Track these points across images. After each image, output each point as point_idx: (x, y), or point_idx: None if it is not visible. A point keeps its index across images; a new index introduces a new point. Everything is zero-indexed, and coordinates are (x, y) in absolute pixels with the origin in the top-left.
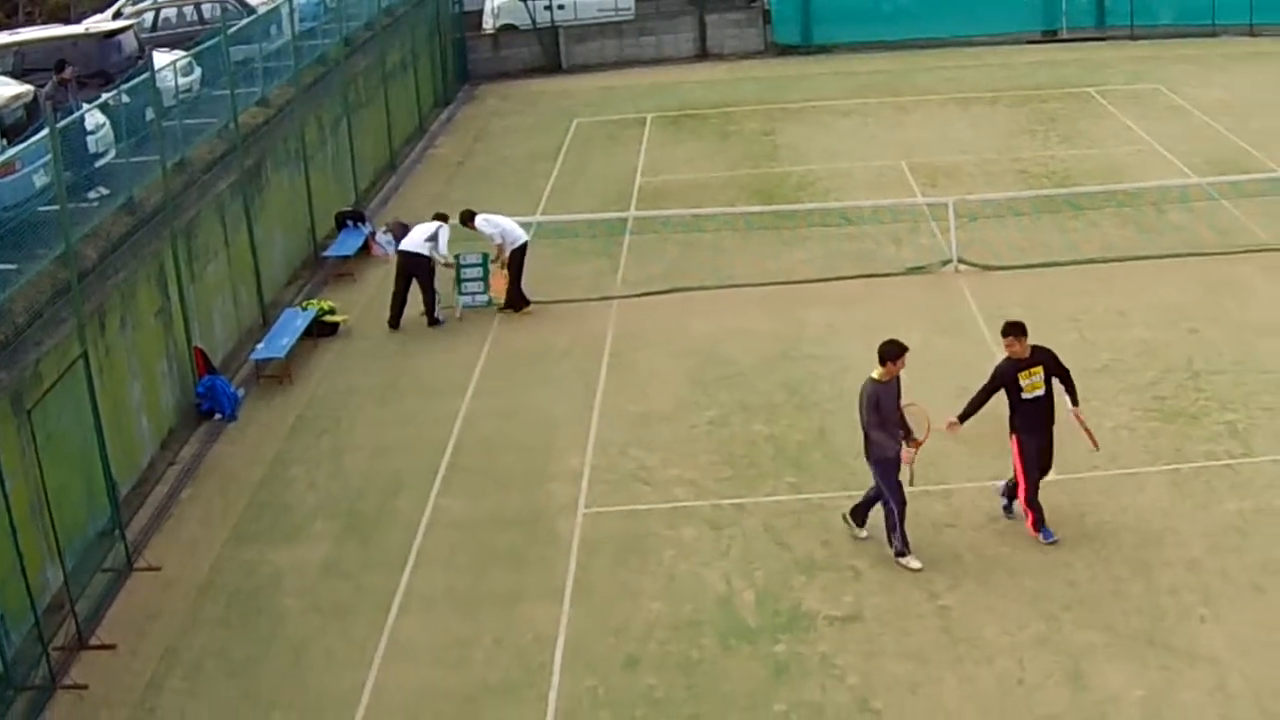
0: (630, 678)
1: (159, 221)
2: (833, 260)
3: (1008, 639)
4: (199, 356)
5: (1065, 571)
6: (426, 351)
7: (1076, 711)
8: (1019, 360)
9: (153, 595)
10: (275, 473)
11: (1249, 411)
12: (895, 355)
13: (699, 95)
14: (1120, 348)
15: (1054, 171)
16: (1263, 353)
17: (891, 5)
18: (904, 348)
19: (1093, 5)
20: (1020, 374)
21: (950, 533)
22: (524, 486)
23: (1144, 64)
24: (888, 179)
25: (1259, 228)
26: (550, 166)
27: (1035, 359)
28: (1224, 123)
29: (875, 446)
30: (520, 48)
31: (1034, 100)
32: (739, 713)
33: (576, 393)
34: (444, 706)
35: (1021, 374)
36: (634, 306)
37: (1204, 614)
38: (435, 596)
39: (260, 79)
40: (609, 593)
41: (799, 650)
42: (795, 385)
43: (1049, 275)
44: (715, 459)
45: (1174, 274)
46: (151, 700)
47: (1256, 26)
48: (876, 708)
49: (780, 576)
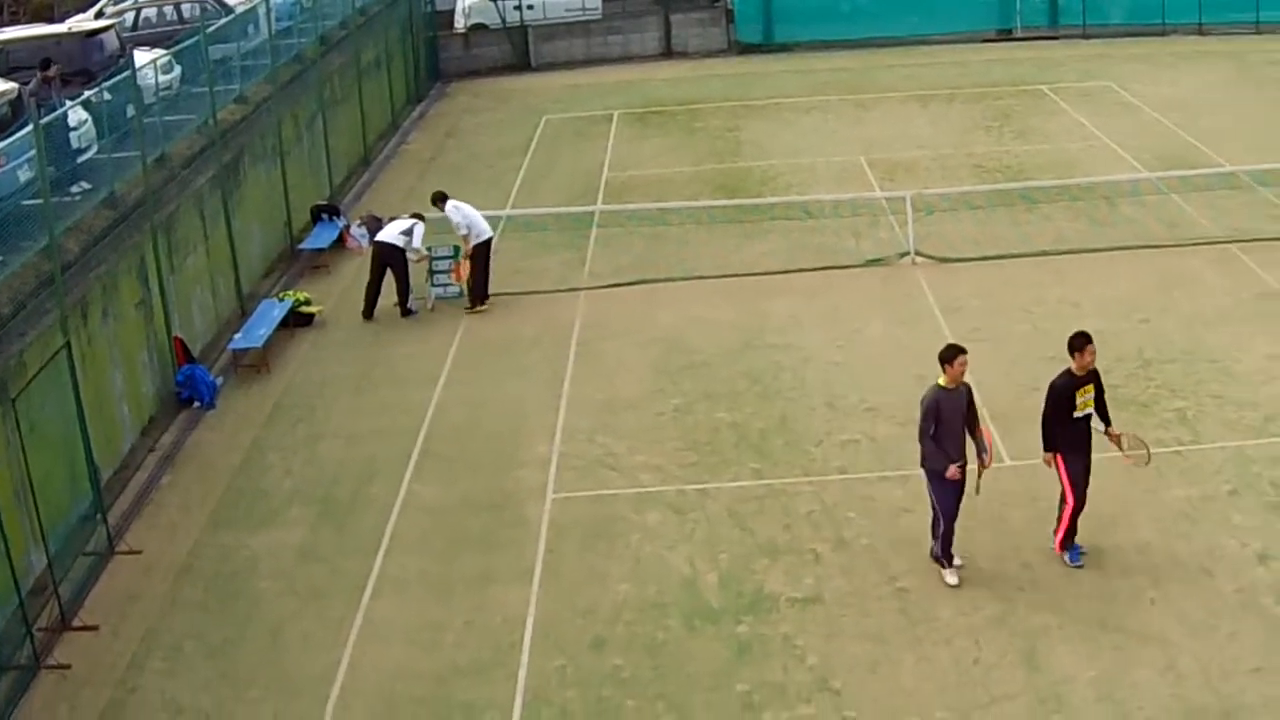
0: (597, 658)
1: (140, 215)
2: (794, 253)
3: (964, 620)
4: (178, 346)
5: (1018, 555)
6: (399, 342)
7: (1031, 691)
8: (1077, 377)
9: (133, 578)
10: (252, 459)
11: (1198, 400)
12: (952, 357)
13: (664, 93)
14: None
15: (1008, 166)
16: (1211, 343)
17: (851, 5)
18: (961, 349)
19: (1046, 5)
20: (1077, 391)
21: (907, 518)
22: (494, 472)
23: (1096, 62)
24: (848, 174)
25: (1208, 221)
26: (520, 162)
27: (1088, 377)
28: (1173, 119)
29: (928, 457)
30: (490, 46)
31: (989, 97)
32: (703, 692)
33: (545, 381)
34: (416, 686)
35: (1078, 391)
36: (601, 298)
37: (1154, 596)
38: (408, 579)
39: (238, 77)
40: (577, 575)
41: (761, 631)
42: (758, 374)
43: (1003, 267)
44: (680, 446)
45: (1125, 266)
46: (132, 680)
47: (1205, 26)
48: (836, 687)
49: (743, 560)
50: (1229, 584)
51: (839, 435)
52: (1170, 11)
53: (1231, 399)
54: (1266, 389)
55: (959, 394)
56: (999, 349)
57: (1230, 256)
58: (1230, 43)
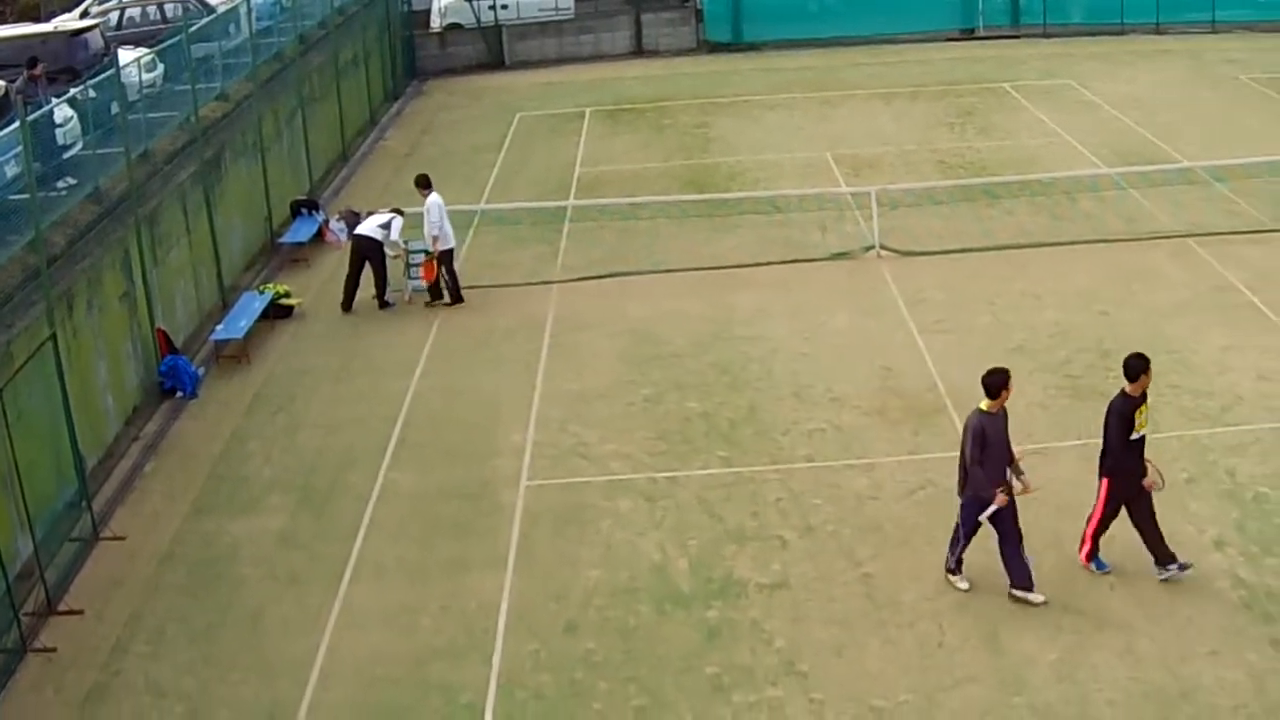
0: (570, 642)
1: (124, 210)
2: (762, 246)
3: (928, 605)
4: (161, 337)
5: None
6: (377, 333)
7: (994, 673)
8: (1133, 398)
9: (118, 564)
10: (233, 448)
11: (1156, 390)
12: (1003, 383)
13: (635, 90)
14: (1034, 329)
15: (971, 162)
16: (1169, 334)
17: (818, 5)
18: (1008, 374)
19: (1008, 5)
20: (1136, 412)
21: (872, 504)
22: (469, 461)
23: (1056, 61)
24: (814, 169)
25: (1165, 216)
26: (494, 158)
27: (1143, 397)
28: (1132, 116)
29: (974, 483)
30: (465, 45)
31: (952, 95)
32: (673, 675)
33: (519, 372)
34: (393, 669)
35: (1137, 412)
36: (573, 290)
37: (1113, 582)
38: (385, 565)
39: (220, 75)
40: (550, 561)
41: (730, 615)
42: (726, 365)
43: (966, 260)
44: (650, 435)
45: (1085, 259)
46: (116, 663)
47: (1162, 25)
48: (803, 670)
49: (712, 546)
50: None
51: (806, 424)
52: (1128, 11)
53: (1188, 389)
54: (1222, 379)
55: (1000, 418)
56: (962, 340)
57: (1187, 250)
58: (1187, 41)
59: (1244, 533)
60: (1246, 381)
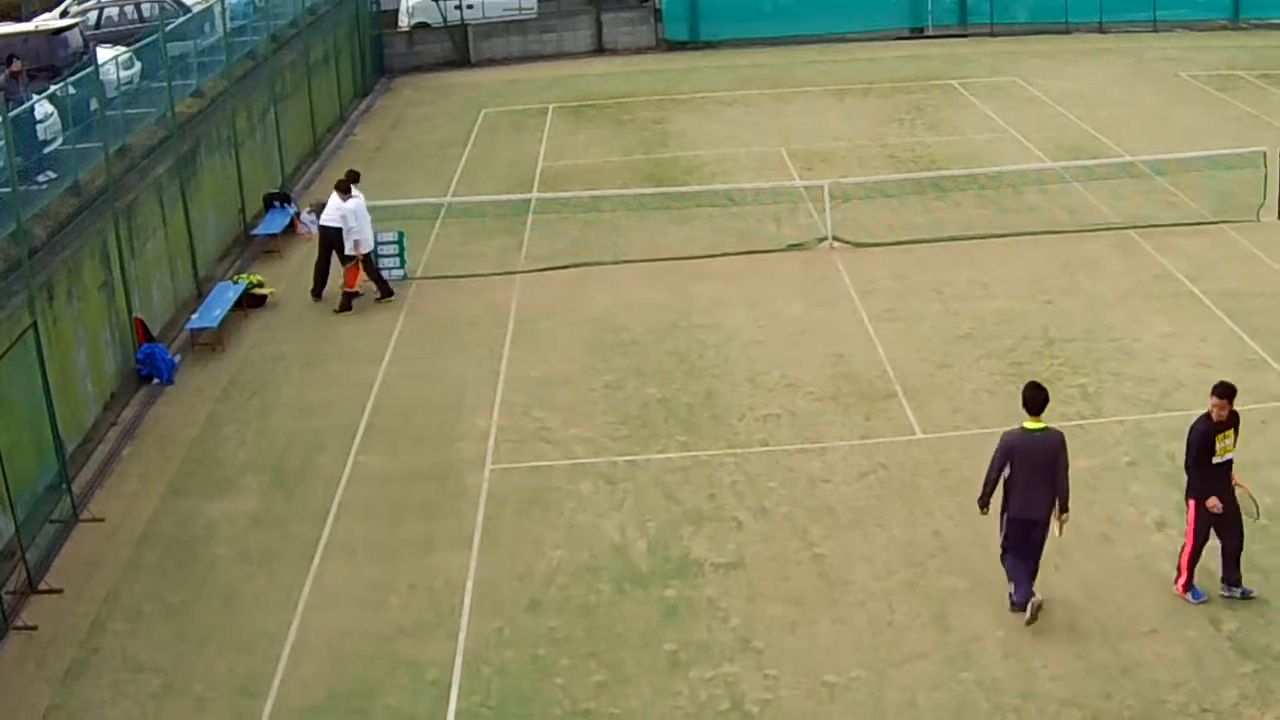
0: (533, 619)
1: (102, 202)
2: (719, 238)
3: (878, 584)
4: (139, 326)
5: (930, 523)
6: (347, 321)
7: (942, 650)
8: (1218, 422)
9: (96, 544)
10: (208, 432)
11: (1098, 376)
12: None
13: (596, 87)
14: (981, 317)
15: (920, 156)
16: (1111, 322)
17: (772, 4)
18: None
19: (956, 4)
20: (1218, 436)
21: (825, 487)
22: (436, 444)
23: (1003, 59)
24: (769, 163)
25: (1107, 208)
26: (460, 152)
27: (1229, 422)
28: (1075, 112)
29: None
30: (433, 43)
31: (902, 91)
32: (633, 651)
33: (484, 359)
34: (363, 645)
35: (1219, 436)
36: (537, 280)
37: (1058, 562)
38: (355, 545)
39: (195, 72)
40: (514, 542)
41: (687, 594)
42: (684, 352)
43: (916, 251)
44: (611, 420)
45: (1030, 250)
46: (95, 640)
47: (1105, 24)
48: (758, 647)
49: (670, 527)
50: (1127, 550)
51: (761, 410)
52: (1073, 11)
53: (1130, 375)
54: (1162, 366)
55: (1042, 439)
56: (911, 328)
57: (1129, 241)
58: (1128, 40)
59: (1184, 514)
60: (1186, 368)
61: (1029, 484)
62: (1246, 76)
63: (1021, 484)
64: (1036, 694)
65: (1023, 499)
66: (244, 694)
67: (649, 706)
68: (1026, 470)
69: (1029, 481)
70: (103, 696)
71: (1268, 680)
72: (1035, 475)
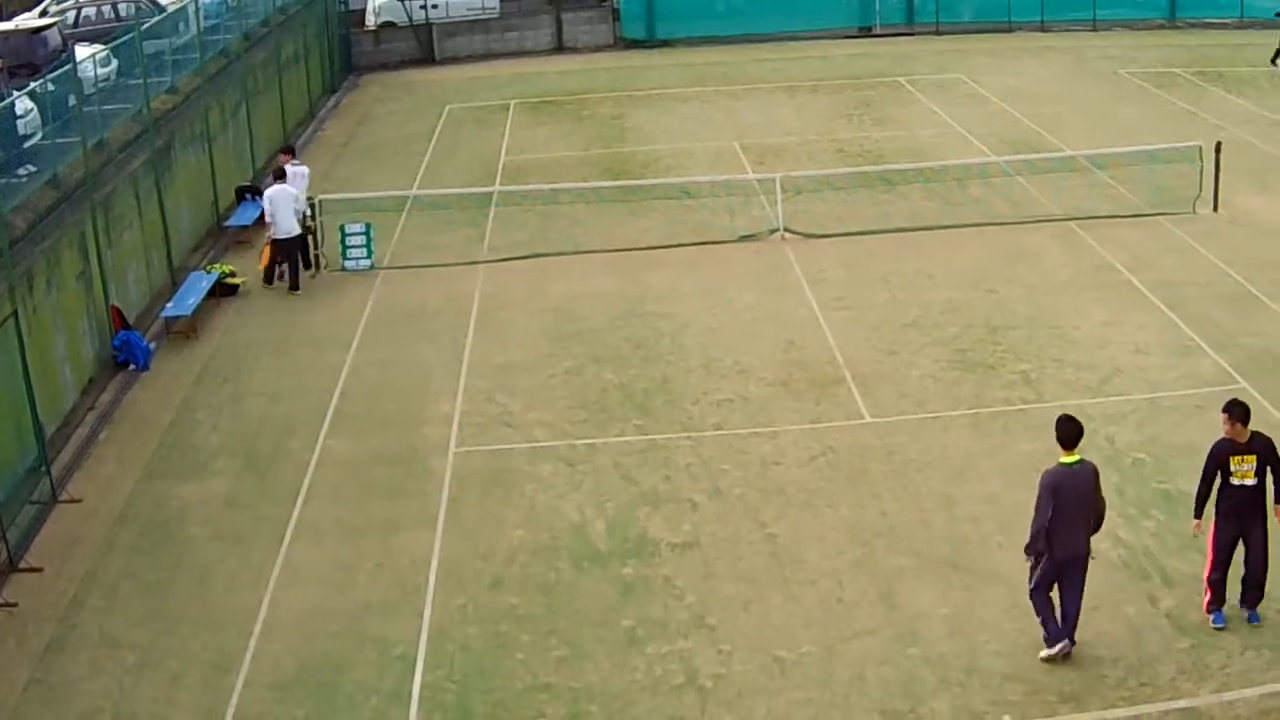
0: (496, 597)
1: (80, 195)
2: (674, 229)
3: (828, 563)
4: (115, 314)
5: (878, 504)
6: (316, 309)
7: (890, 626)
8: (1234, 443)
9: (75, 524)
10: (183, 416)
11: (1040, 363)
12: (1078, 433)
13: (556, 84)
14: (927, 306)
15: (868, 151)
16: (1052, 311)
17: (726, 4)
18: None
19: (903, 4)
20: (1233, 458)
21: (776, 469)
22: (402, 428)
23: (948, 56)
24: (723, 157)
25: (1049, 200)
26: (425, 147)
27: (1251, 446)
28: (1018, 108)
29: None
30: (398, 42)
31: (851, 88)
32: (591, 628)
33: (448, 346)
34: (331, 622)
35: (1234, 458)
36: (499, 270)
37: (1000, 541)
38: (323, 526)
39: (170, 69)
40: (477, 522)
41: (644, 573)
42: (641, 340)
43: (864, 242)
44: (570, 404)
45: (974, 241)
46: (74, 617)
47: (1047, 23)
48: (712, 623)
49: (627, 508)
50: None
51: (714, 395)
52: (1015, 10)
53: (1070, 362)
54: (1102, 353)
55: (1079, 473)
56: (860, 316)
57: (1069, 232)
58: (1069, 39)
59: (1123, 496)
60: (1124, 355)
61: (1072, 520)
62: (1183, 74)
63: (1065, 521)
64: (980, 669)
65: (1066, 536)
66: (217, 669)
67: (607, 681)
68: (1070, 506)
69: (1071, 518)
70: (81, 671)
71: (1203, 655)
72: (1077, 511)
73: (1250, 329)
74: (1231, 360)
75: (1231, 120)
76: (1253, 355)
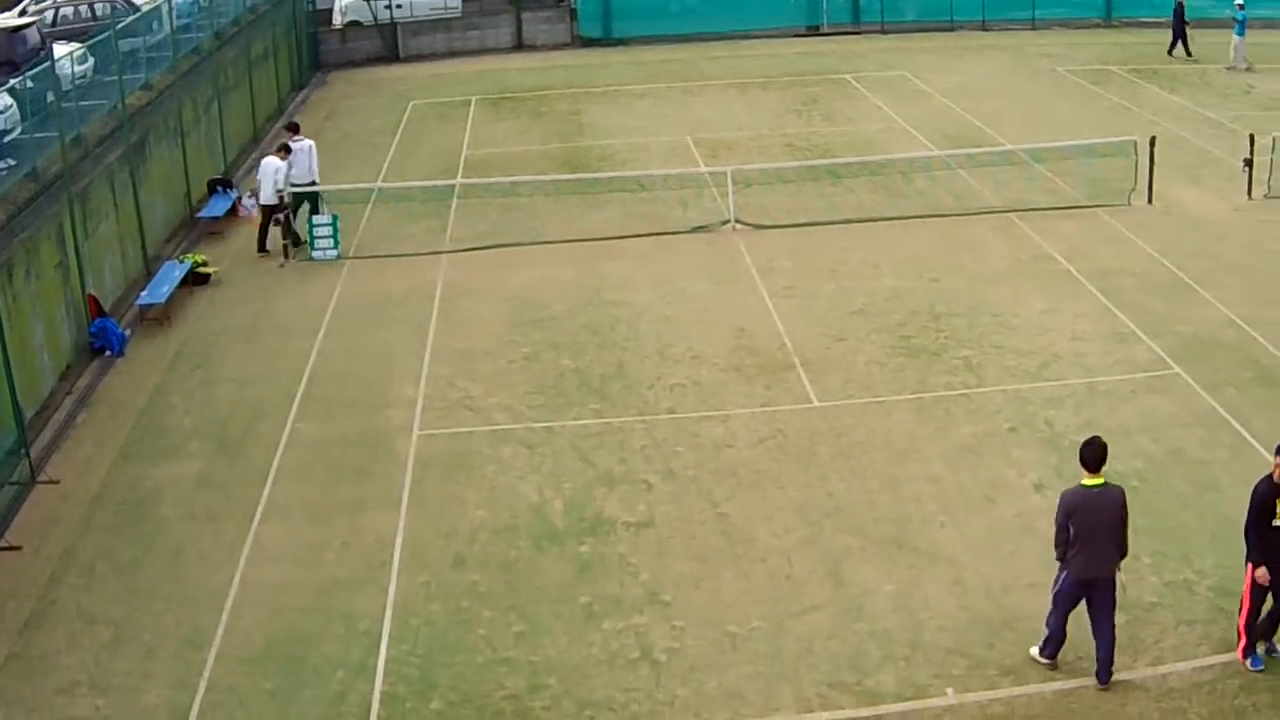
0: (458, 574)
1: (58, 188)
2: (629, 221)
3: (777, 542)
4: (92, 302)
5: (825, 485)
6: (285, 297)
7: (837, 603)
8: (1276, 485)
9: (53, 505)
10: (157, 401)
11: (981, 349)
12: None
13: (516, 81)
14: (872, 294)
15: (816, 145)
16: (993, 299)
17: (680, 4)
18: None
19: (849, 4)
20: (1278, 500)
21: (728, 452)
22: (367, 412)
23: (893, 54)
24: (676, 151)
25: (990, 193)
26: (390, 141)
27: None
28: (960, 104)
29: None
30: (364, 40)
31: (799, 85)
32: (550, 604)
33: (412, 333)
34: (300, 599)
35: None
36: (461, 260)
37: (943, 521)
38: (292, 505)
39: (144, 67)
40: (439, 502)
41: (600, 551)
42: (597, 326)
43: (812, 233)
44: (529, 389)
45: (918, 232)
46: (52, 594)
47: (988, 22)
48: (666, 599)
49: (584, 489)
50: (1009, 510)
51: (668, 380)
52: (958, 10)
53: (1010, 348)
54: (1040, 339)
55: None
56: (808, 304)
57: (1009, 224)
58: (1009, 37)
59: (1061, 476)
60: (1062, 341)
61: (1091, 543)
62: (1118, 71)
63: (1082, 543)
64: (924, 644)
65: (1085, 558)
66: (190, 644)
67: (565, 655)
68: (1088, 528)
69: (1091, 540)
70: (58, 646)
71: (1138, 630)
72: (1097, 533)
73: (1183, 316)
74: (1165, 346)
75: (1165, 116)
76: (1185, 341)
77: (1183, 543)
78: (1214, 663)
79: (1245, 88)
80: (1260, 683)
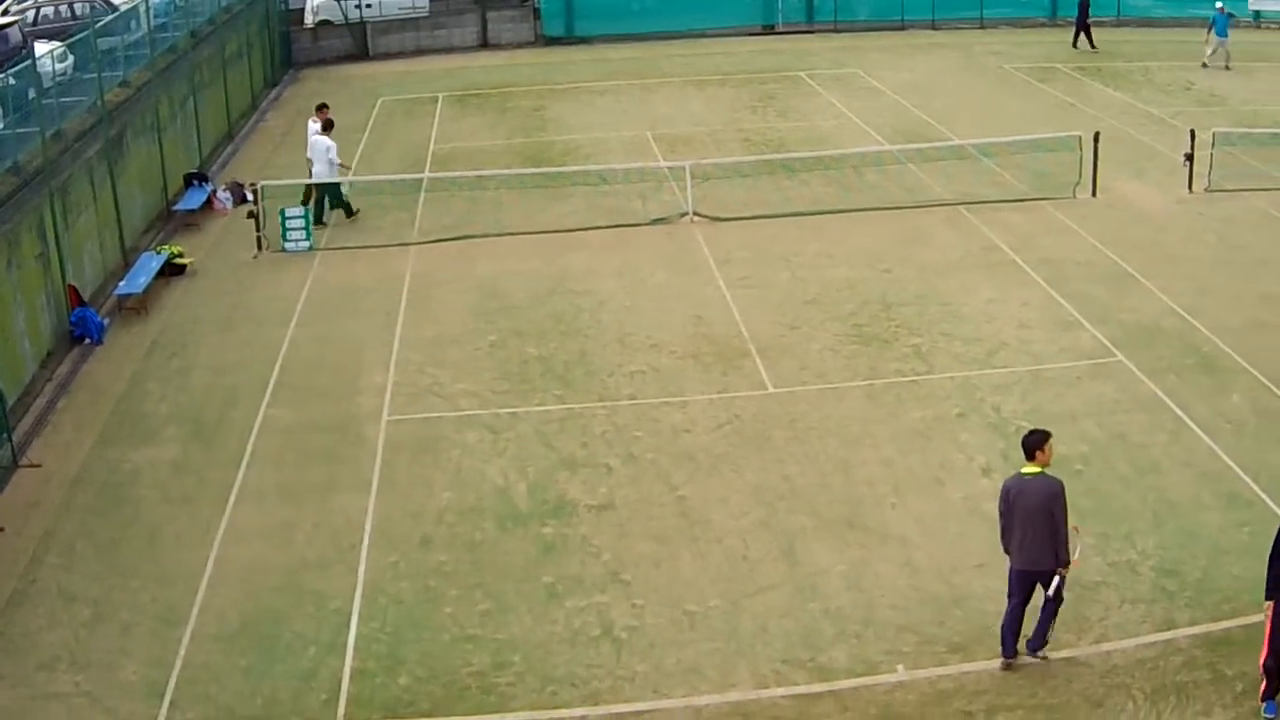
0: (425, 554)
1: (39, 181)
2: (591, 213)
3: (734, 523)
4: (72, 292)
5: (780, 468)
6: (258, 288)
7: (791, 582)
8: None
9: (34, 488)
10: (134, 387)
11: (931, 337)
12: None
13: (481, 78)
14: (826, 284)
15: (772, 140)
16: (942, 289)
17: (639, 4)
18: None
19: (803, 3)
20: None
21: (686, 437)
22: (338, 398)
23: (846, 53)
24: (636, 146)
25: (939, 186)
26: (360, 136)
27: None
28: (911, 100)
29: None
30: (335, 39)
31: (755, 82)
32: (514, 583)
33: (381, 322)
34: (272, 578)
35: None
36: (428, 251)
37: (894, 502)
38: (265, 488)
39: (122, 64)
40: (408, 485)
41: (563, 532)
42: (560, 315)
43: (768, 225)
44: (495, 376)
45: (870, 224)
46: (33, 573)
47: (937, 21)
48: (626, 579)
49: (547, 472)
50: (958, 492)
51: (629, 367)
52: (908, 9)
53: (959, 336)
54: (988, 327)
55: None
56: (764, 294)
57: (958, 216)
58: (958, 36)
59: (1008, 460)
60: (1009, 329)
61: (1026, 532)
62: (1064, 69)
63: (1018, 531)
64: (876, 621)
65: (1021, 548)
66: (166, 622)
67: (529, 633)
68: (1021, 515)
69: (1025, 529)
70: (40, 624)
71: (1083, 609)
72: (1031, 521)
73: (1126, 305)
74: (1109, 334)
75: (1109, 112)
76: (1128, 329)
77: (1126, 523)
78: (1156, 640)
79: (1186, 84)
80: (1200, 660)
